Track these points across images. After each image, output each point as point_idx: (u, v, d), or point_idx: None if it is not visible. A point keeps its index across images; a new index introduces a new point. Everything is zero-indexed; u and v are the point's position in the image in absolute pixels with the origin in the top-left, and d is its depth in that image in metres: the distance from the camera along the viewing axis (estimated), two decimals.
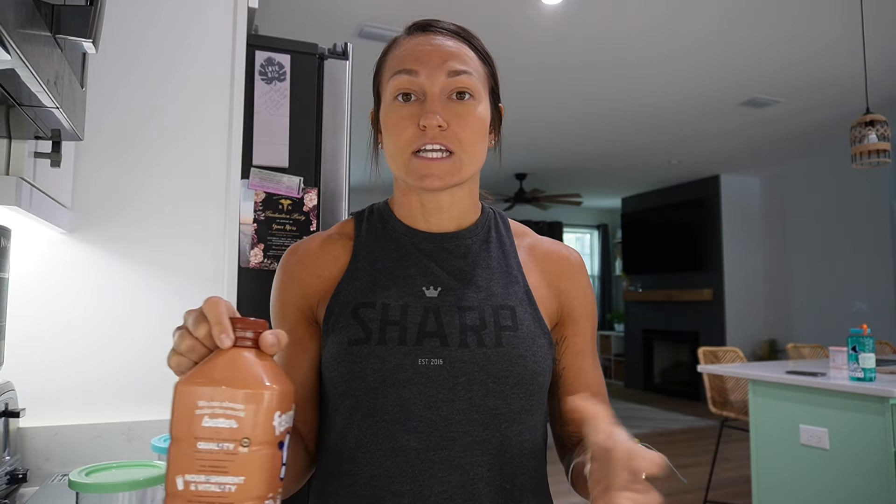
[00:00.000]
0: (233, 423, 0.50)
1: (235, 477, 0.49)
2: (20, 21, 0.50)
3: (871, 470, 2.43)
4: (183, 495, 0.49)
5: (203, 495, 0.49)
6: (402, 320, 0.74)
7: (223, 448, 0.49)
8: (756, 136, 5.68)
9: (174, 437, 0.50)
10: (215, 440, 0.49)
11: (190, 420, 0.49)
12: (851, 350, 2.61)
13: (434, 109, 0.72)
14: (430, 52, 0.76)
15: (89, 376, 1.29)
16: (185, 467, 0.49)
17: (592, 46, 3.70)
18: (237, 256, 1.43)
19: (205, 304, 0.53)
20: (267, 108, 1.53)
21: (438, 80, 0.74)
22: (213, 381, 0.50)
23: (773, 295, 7.15)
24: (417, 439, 0.70)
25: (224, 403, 0.50)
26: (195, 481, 0.49)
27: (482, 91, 0.77)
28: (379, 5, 3.17)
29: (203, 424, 0.49)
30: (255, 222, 1.49)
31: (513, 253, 0.82)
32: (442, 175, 0.74)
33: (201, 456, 0.49)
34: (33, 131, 0.81)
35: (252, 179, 1.50)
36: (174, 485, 0.49)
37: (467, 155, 0.75)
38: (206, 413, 0.49)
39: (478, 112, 0.75)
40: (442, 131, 0.73)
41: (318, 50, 1.61)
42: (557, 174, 7.35)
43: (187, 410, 0.50)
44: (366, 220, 0.85)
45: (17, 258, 1.26)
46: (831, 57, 3.84)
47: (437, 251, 0.80)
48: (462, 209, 0.82)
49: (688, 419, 6.35)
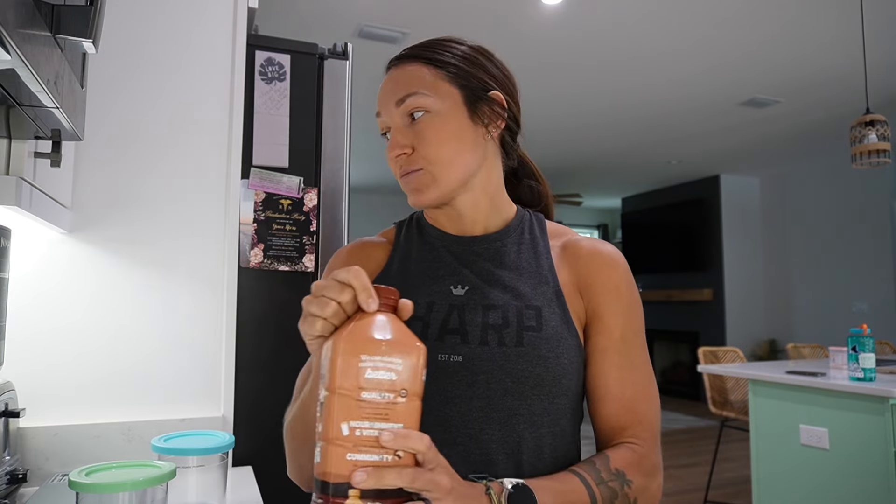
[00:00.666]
0: (392, 375, 0.55)
1: (395, 424, 0.55)
2: (20, 21, 0.50)
3: (871, 470, 2.43)
4: (349, 440, 0.54)
5: (367, 440, 0.54)
6: (425, 316, 0.76)
7: (385, 398, 0.55)
8: (756, 136, 5.68)
9: (334, 389, 0.54)
10: (377, 390, 0.55)
11: (353, 372, 0.54)
12: (851, 350, 2.61)
13: (394, 142, 0.78)
14: (386, 89, 0.81)
15: (89, 376, 1.29)
16: (351, 414, 0.54)
17: (592, 47, 3.70)
18: (237, 256, 1.43)
19: (349, 273, 0.58)
20: (267, 108, 1.53)
21: (393, 113, 0.78)
22: (373, 339, 0.56)
23: (773, 295, 7.15)
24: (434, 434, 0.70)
25: (385, 358, 0.55)
26: (360, 427, 0.54)
27: (438, 101, 0.77)
28: (379, 5, 3.17)
29: (366, 376, 0.55)
30: (255, 222, 1.49)
31: (545, 254, 0.82)
32: (419, 188, 0.77)
33: (365, 404, 0.54)
34: (33, 131, 0.81)
35: (252, 179, 1.50)
36: (339, 430, 0.53)
37: (437, 168, 0.77)
38: (369, 366, 0.55)
39: (434, 124, 0.77)
40: (409, 156, 0.77)
41: (318, 50, 1.61)
42: (557, 174, 7.35)
43: (350, 363, 0.54)
44: (405, 228, 0.89)
45: (17, 258, 1.26)
46: (831, 57, 3.84)
47: (466, 253, 0.82)
48: (484, 213, 0.83)
49: (688, 419, 6.35)
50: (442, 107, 0.77)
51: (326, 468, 0.54)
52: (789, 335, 6.88)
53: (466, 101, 0.79)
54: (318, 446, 0.55)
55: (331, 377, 0.55)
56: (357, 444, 0.54)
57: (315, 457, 0.55)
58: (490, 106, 0.80)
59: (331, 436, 0.54)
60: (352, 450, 0.54)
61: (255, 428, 1.43)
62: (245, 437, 1.41)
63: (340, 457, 0.53)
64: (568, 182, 7.83)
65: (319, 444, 0.55)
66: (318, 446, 0.55)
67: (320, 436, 0.55)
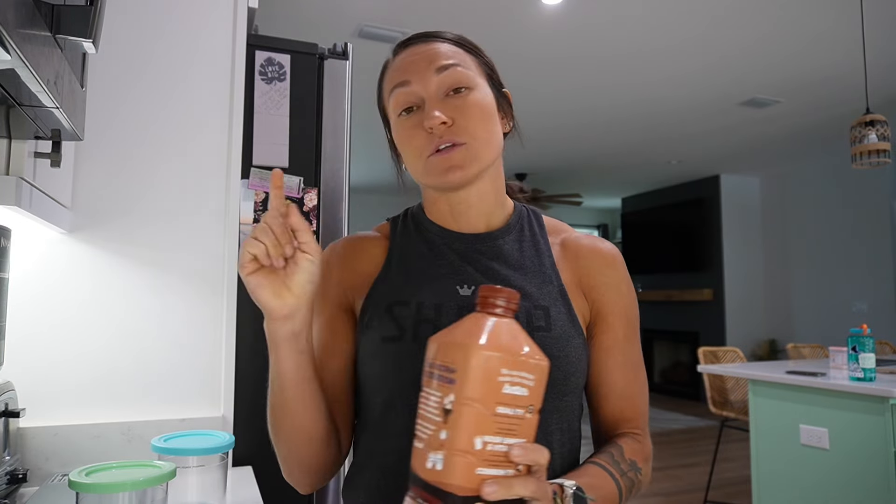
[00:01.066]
0: (524, 391, 0.55)
1: (519, 439, 0.54)
2: (20, 21, 0.50)
3: (871, 470, 2.43)
4: (480, 454, 0.53)
5: (496, 455, 0.53)
6: (435, 318, 0.75)
7: (515, 413, 0.54)
8: (756, 136, 5.68)
9: (474, 399, 0.53)
10: (511, 405, 0.54)
11: (494, 386, 0.53)
12: (851, 350, 2.61)
13: (432, 112, 0.73)
14: (416, 60, 0.78)
15: (89, 376, 1.29)
16: (485, 429, 0.53)
17: (592, 47, 3.70)
18: (237, 256, 1.43)
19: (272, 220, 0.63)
20: (267, 108, 1.53)
21: (431, 81, 0.76)
22: (513, 353, 0.55)
23: (773, 295, 7.15)
24: None
25: (521, 373, 0.54)
26: (492, 441, 0.53)
27: (477, 79, 0.77)
28: (379, 5, 3.18)
29: (503, 391, 0.53)
30: (255, 222, 1.49)
31: (546, 252, 0.82)
32: (461, 164, 0.74)
33: (499, 420, 0.53)
34: (33, 131, 0.81)
35: (252, 179, 1.50)
36: (471, 444, 0.52)
37: (479, 142, 0.75)
38: (507, 381, 0.54)
39: (478, 99, 0.76)
40: (448, 127, 0.74)
41: (318, 50, 1.61)
42: (557, 174, 7.35)
43: (491, 377, 0.53)
44: (401, 223, 0.87)
45: (17, 258, 1.26)
46: (831, 57, 3.84)
47: (469, 251, 0.81)
48: (489, 205, 0.82)
49: (688, 419, 6.35)
50: (480, 85, 0.77)
51: (452, 480, 0.52)
52: (789, 335, 6.88)
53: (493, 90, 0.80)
54: (440, 455, 0.53)
55: (470, 385, 0.53)
56: (486, 459, 0.53)
57: (428, 462, 0.54)
58: (505, 101, 0.82)
59: (461, 447, 0.52)
60: (481, 464, 0.53)
61: (255, 428, 1.43)
62: (245, 437, 1.41)
63: (470, 470, 0.52)
64: (568, 182, 7.83)
65: (442, 452, 0.53)
66: (440, 455, 0.53)
67: (445, 443, 0.53)
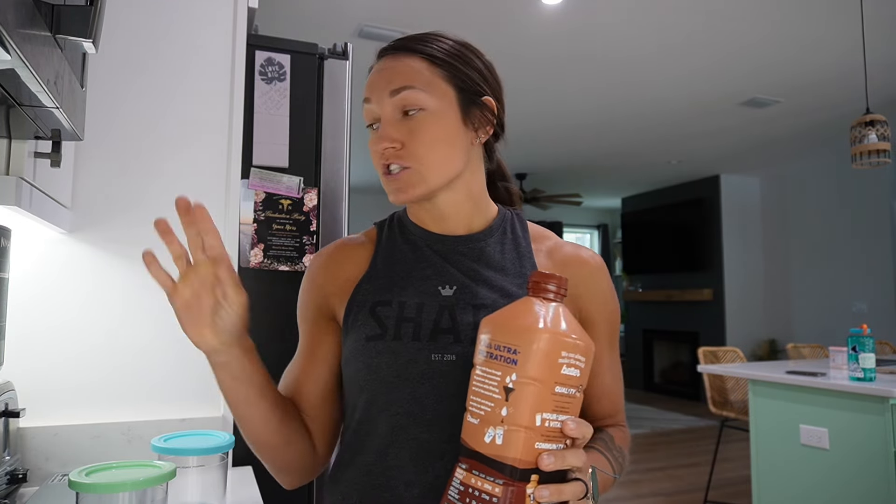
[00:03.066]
0: (577, 371, 0.59)
1: (570, 415, 0.59)
2: (20, 21, 0.50)
3: (871, 470, 2.43)
4: (539, 430, 0.57)
5: (552, 431, 0.58)
6: (417, 317, 0.76)
7: (570, 392, 0.59)
8: (756, 136, 5.68)
9: (537, 379, 0.57)
10: (567, 385, 0.59)
11: (554, 367, 0.58)
12: (851, 350, 2.61)
13: (384, 134, 0.76)
14: (377, 78, 0.79)
15: (89, 376, 1.29)
16: (544, 406, 0.57)
17: (592, 47, 3.70)
18: (237, 256, 1.43)
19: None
20: (267, 108, 1.53)
21: (386, 102, 0.77)
22: (571, 336, 0.59)
23: (773, 295, 7.15)
24: (430, 432, 0.73)
25: (576, 355, 0.59)
26: (549, 419, 0.58)
27: (434, 99, 0.76)
28: (379, 5, 3.17)
29: (562, 372, 0.58)
30: (255, 222, 1.49)
31: (528, 255, 0.83)
32: (404, 188, 0.76)
33: (557, 398, 0.58)
34: (33, 131, 0.81)
35: (252, 179, 1.50)
36: (532, 420, 0.57)
37: (426, 167, 0.76)
38: (566, 362, 0.58)
39: (429, 123, 0.76)
40: (397, 151, 0.76)
41: (318, 50, 1.61)
42: (557, 174, 7.35)
43: (552, 359, 0.58)
44: (387, 227, 0.88)
45: (17, 258, 1.26)
46: (831, 57, 3.84)
47: (450, 253, 0.82)
48: (467, 214, 0.83)
49: (688, 419, 6.35)
50: (437, 106, 0.76)
51: (513, 453, 0.56)
52: (789, 335, 6.88)
53: (460, 103, 0.78)
54: (501, 430, 0.57)
55: (533, 366, 0.57)
56: (544, 434, 0.57)
57: (486, 436, 0.58)
58: (482, 111, 0.80)
59: (523, 423, 0.57)
60: (539, 439, 0.57)
61: None
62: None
63: (529, 444, 0.57)
64: (568, 182, 7.83)
65: (502, 427, 0.57)
66: (501, 430, 0.57)
67: (506, 419, 0.57)
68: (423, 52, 0.79)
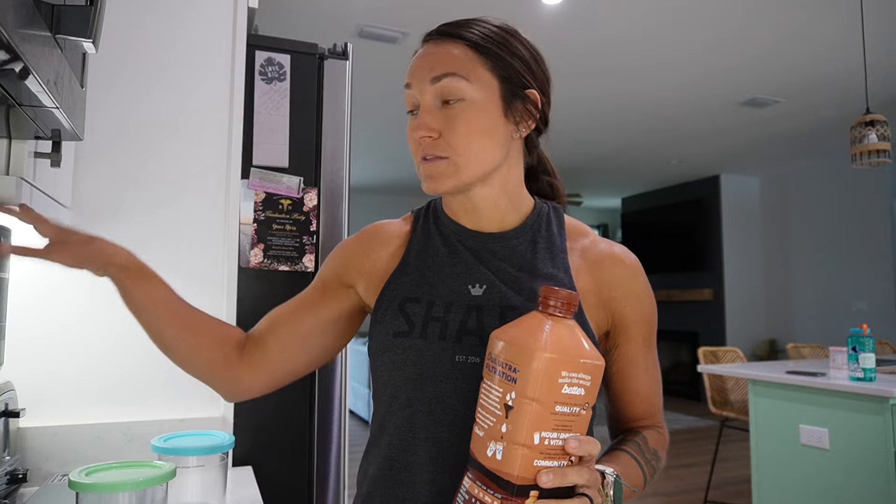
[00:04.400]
0: (581, 390, 0.59)
1: (574, 433, 0.59)
2: (20, 21, 0.50)
3: (871, 470, 2.43)
4: (538, 448, 0.57)
5: (553, 449, 0.58)
6: (444, 317, 0.76)
7: (572, 411, 0.59)
8: (756, 136, 5.68)
9: (535, 399, 0.57)
10: (569, 404, 0.58)
11: (553, 387, 0.57)
12: (851, 350, 2.61)
13: (421, 122, 0.75)
14: (418, 63, 0.77)
15: (89, 376, 1.29)
16: (543, 425, 0.57)
17: (592, 47, 3.70)
18: (237, 256, 1.43)
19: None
20: (267, 108, 1.53)
21: (426, 89, 0.75)
22: (573, 356, 0.58)
23: (773, 295, 7.14)
24: (450, 431, 0.73)
25: (579, 374, 0.58)
26: (549, 437, 0.58)
27: (475, 89, 0.74)
28: (379, 5, 3.17)
29: (563, 391, 0.58)
30: (255, 222, 1.49)
31: (561, 254, 0.81)
32: (437, 177, 0.75)
33: (557, 417, 0.58)
34: (33, 131, 0.81)
35: (252, 179, 1.50)
36: (530, 438, 0.57)
37: (462, 159, 0.74)
38: (567, 382, 0.58)
39: (468, 114, 0.74)
40: (433, 140, 0.75)
41: (318, 50, 1.61)
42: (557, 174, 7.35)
43: (551, 379, 0.57)
44: (422, 217, 0.87)
45: (17, 258, 1.26)
46: (831, 57, 3.84)
47: (482, 250, 0.81)
48: (501, 210, 0.81)
49: (688, 419, 6.34)
50: (478, 96, 0.74)
51: (511, 470, 0.57)
52: (789, 335, 6.88)
53: (503, 95, 0.76)
54: (501, 445, 0.58)
55: (531, 386, 0.57)
56: (544, 452, 0.57)
57: (489, 450, 0.59)
58: (524, 104, 0.78)
59: (521, 441, 0.57)
60: (538, 456, 0.57)
61: (255, 428, 1.43)
62: (245, 437, 1.41)
63: (528, 462, 0.57)
64: (568, 182, 7.83)
65: (502, 443, 0.58)
66: (501, 445, 0.58)
67: (506, 436, 0.58)
68: (467, 38, 0.76)
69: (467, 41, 0.76)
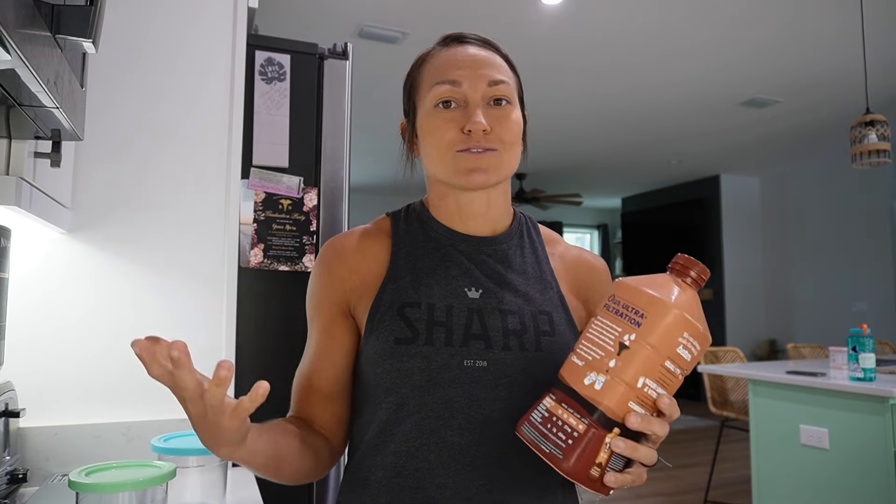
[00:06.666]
0: (690, 356, 0.63)
1: (669, 392, 0.62)
2: (20, 21, 0.50)
3: (871, 470, 2.43)
4: (637, 391, 0.61)
5: (647, 397, 0.61)
6: (447, 321, 0.77)
7: (676, 371, 0.62)
8: (756, 136, 5.68)
9: (654, 345, 0.60)
10: (676, 364, 0.62)
11: (673, 343, 0.61)
12: (851, 350, 2.61)
13: (477, 117, 0.77)
14: (468, 62, 0.80)
15: (89, 376, 1.29)
16: (650, 373, 0.61)
17: (592, 47, 3.70)
18: (237, 256, 1.43)
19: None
20: (267, 108, 1.53)
21: (480, 88, 0.79)
22: (696, 323, 0.62)
23: (773, 295, 7.14)
24: (460, 435, 0.74)
25: (695, 341, 0.62)
26: (650, 385, 0.61)
27: (515, 98, 0.82)
28: (379, 5, 3.17)
29: (677, 350, 0.61)
30: (255, 222, 1.49)
31: (545, 259, 0.86)
32: (487, 168, 0.78)
33: (663, 371, 0.61)
34: (33, 131, 0.81)
35: (252, 179, 1.50)
36: (635, 379, 0.60)
37: (508, 154, 0.79)
38: (683, 343, 0.62)
39: (515, 116, 0.80)
40: (486, 134, 0.77)
41: (318, 50, 1.61)
42: (557, 174, 7.35)
43: (674, 335, 0.61)
44: (403, 220, 0.87)
45: (17, 258, 1.26)
46: (831, 57, 3.84)
47: (475, 254, 0.83)
48: (497, 213, 0.85)
49: (688, 419, 6.35)
50: (517, 104, 0.82)
51: (609, 402, 0.61)
52: (789, 335, 6.88)
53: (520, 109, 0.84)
54: (603, 377, 0.61)
55: (655, 335, 0.61)
56: (639, 396, 0.61)
57: (587, 378, 0.62)
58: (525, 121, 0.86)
59: (626, 379, 0.60)
60: (634, 399, 0.61)
61: None
62: None
63: (624, 399, 0.60)
64: (568, 182, 7.83)
65: (605, 376, 0.61)
66: (603, 377, 0.61)
67: (612, 370, 0.61)
68: (503, 53, 0.85)
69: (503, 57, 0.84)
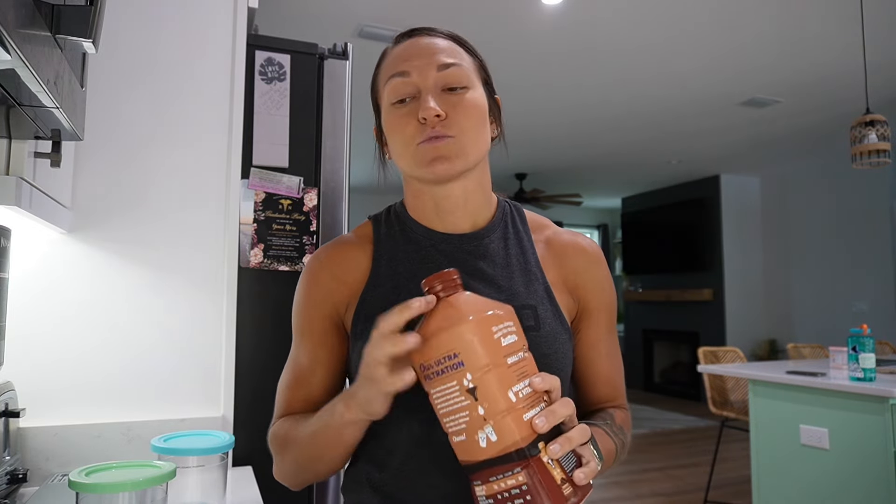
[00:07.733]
0: (514, 337, 0.61)
1: (530, 377, 0.61)
2: (20, 21, 0.50)
3: (871, 470, 2.43)
4: (518, 404, 0.59)
5: (527, 398, 0.60)
6: None
7: (518, 357, 0.61)
8: (756, 136, 5.67)
9: (488, 365, 0.58)
10: (514, 353, 0.61)
11: (495, 345, 0.59)
12: (851, 350, 2.61)
13: (431, 101, 0.74)
14: (418, 51, 0.78)
15: (89, 376, 1.29)
16: (509, 381, 0.59)
17: (592, 47, 3.70)
18: (237, 256, 1.43)
19: (406, 306, 0.62)
20: (267, 108, 1.53)
21: (430, 75, 0.76)
22: (487, 313, 0.60)
23: (773, 295, 7.14)
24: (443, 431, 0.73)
25: (505, 324, 0.61)
26: (519, 389, 0.59)
27: (475, 80, 0.78)
28: (379, 5, 3.17)
29: (503, 344, 0.60)
30: (255, 222, 1.49)
31: (531, 249, 0.84)
32: (449, 156, 0.75)
33: (513, 368, 0.60)
34: (33, 131, 0.81)
35: (252, 179, 1.50)
36: (508, 400, 0.58)
37: (468, 139, 0.76)
38: (501, 334, 0.60)
39: (473, 99, 0.77)
40: (441, 121, 0.75)
41: (318, 50, 1.61)
42: (557, 174, 7.35)
43: (489, 338, 0.59)
44: (384, 224, 0.86)
45: (16, 258, 1.26)
46: (831, 57, 3.84)
47: (456, 252, 0.81)
48: (476, 205, 0.82)
49: (688, 419, 6.35)
50: (476, 86, 0.79)
51: (511, 438, 0.58)
52: (789, 335, 6.88)
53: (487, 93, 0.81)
54: (488, 427, 0.58)
55: (479, 356, 0.58)
56: (524, 404, 0.59)
57: (480, 441, 0.59)
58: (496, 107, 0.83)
59: (503, 408, 0.58)
60: (524, 410, 0.59)
61: (255, 428, 1.43)
62: (245, 437, 1.41)
63: (520, 421, 0.58)
64: (568, 182, 7.83)
65: (488, 424, 0.58)
66: (488, 427, 0.58)
67: (487, 415, 0.58)
68: (458, 39, 0.81)
69: (458, 42, 0.81)
